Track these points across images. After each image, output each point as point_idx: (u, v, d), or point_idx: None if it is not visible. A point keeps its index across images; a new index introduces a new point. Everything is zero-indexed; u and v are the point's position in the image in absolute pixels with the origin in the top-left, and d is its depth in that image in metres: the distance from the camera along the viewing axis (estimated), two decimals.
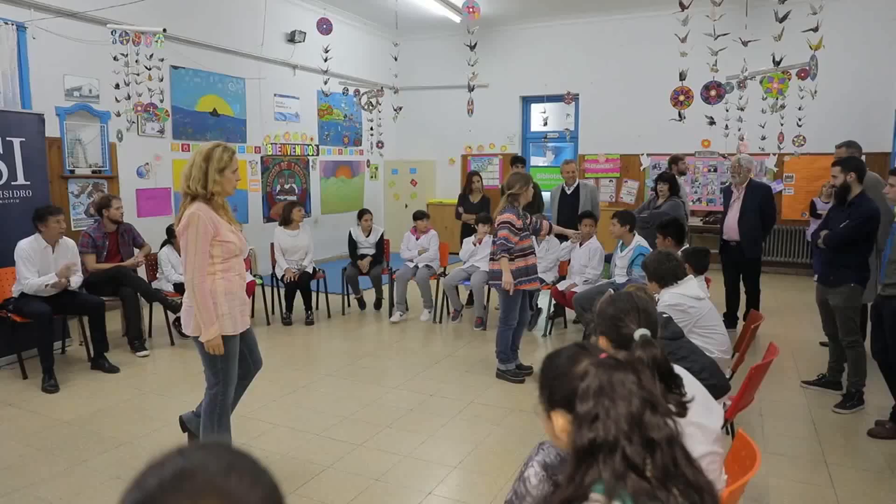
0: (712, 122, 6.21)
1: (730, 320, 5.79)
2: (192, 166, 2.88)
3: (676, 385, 1.52)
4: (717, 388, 2.68)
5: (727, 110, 6.55)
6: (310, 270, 6.45)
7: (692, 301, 3.25)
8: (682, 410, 1.50)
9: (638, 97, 9.75)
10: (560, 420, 1.33)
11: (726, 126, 6.75)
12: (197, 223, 2.82)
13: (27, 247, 4.64)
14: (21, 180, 5.16)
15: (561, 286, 5.80)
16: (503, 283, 4.57)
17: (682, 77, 4.85)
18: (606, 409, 1.21)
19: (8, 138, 5.06)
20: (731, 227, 5.85)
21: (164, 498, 0.66)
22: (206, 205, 2.87)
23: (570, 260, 6.03)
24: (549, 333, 6.05)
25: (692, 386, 1.83)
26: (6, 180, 5.06)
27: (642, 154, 10.05)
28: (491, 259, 4.75)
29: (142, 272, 5.80)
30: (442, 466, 3.37)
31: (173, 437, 3.68)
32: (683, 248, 4.82)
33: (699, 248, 4.45)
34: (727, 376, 3.28)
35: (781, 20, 4.35)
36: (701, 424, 1.77)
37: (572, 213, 6.58)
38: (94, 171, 6.70)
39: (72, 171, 6.50)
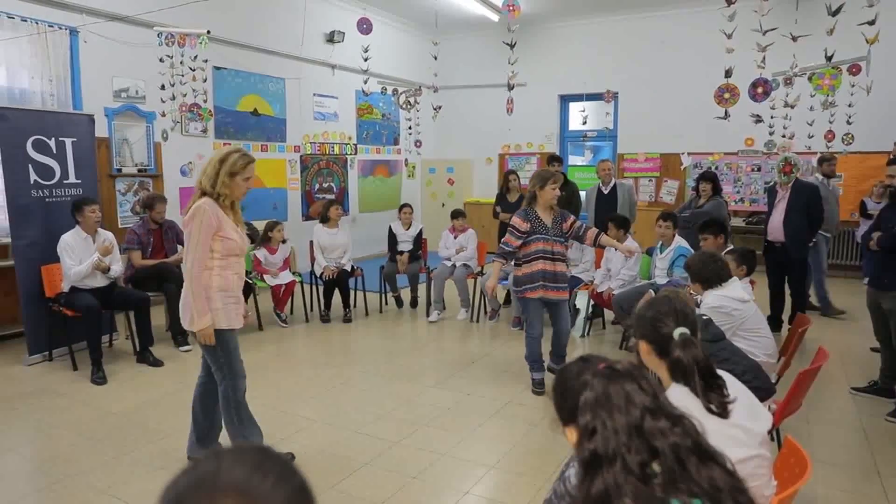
0: (759, 120, 6.06)
1: (774, 324, 5.64)
2: (209, 164, 3.00)
3: (718, 386, 1.48)
4: (761, 390, 2.61)
5: (773, 108, 6.37)
6: (348, 268, 6.51)
7: (736, 303, 3.17)
8: (724, 411, 1.47)
9: (679, 95, 9.58)
10: (572, 435, 1.33)
11: (771, 124, 6.58)
12: (202, 215, 2.91)
13: (69, 238, 4.83)
14: (72, 179, 5.33)
15: (599, 288, 5.73)
16: (485, 286, 4.61)
17: (727, 74, 4.74)
18: (603, 420, 1.21)
19: (60, 138, 5.23)
20: (776, 228, 5.70)
21: (188, 496, 0.69)
22: (212, 201, 2.97)
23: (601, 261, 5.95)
24: (588, 334, 5.98)
25: (737, 389, 1.79)
26: (58, 179, 5.23)
27: (683, 153, 9.86)
28: (514, 264, 4.49)
29: (183, 267, 5.92)
30: (479, 466, 3.36)
31: None
32: (728, 248, 4.71)
33: (747, 250, 4.34)
34: (773, 381, 3.20)
35: (834, 13, 4.21)
36: (745, 427, 1.73)
37: (609, 213, 6.50)
38: (139, 170, 6.88)
39: (119, 170, 6.68)
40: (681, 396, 1.66)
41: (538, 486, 3.12)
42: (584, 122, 9.89)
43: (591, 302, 5.97)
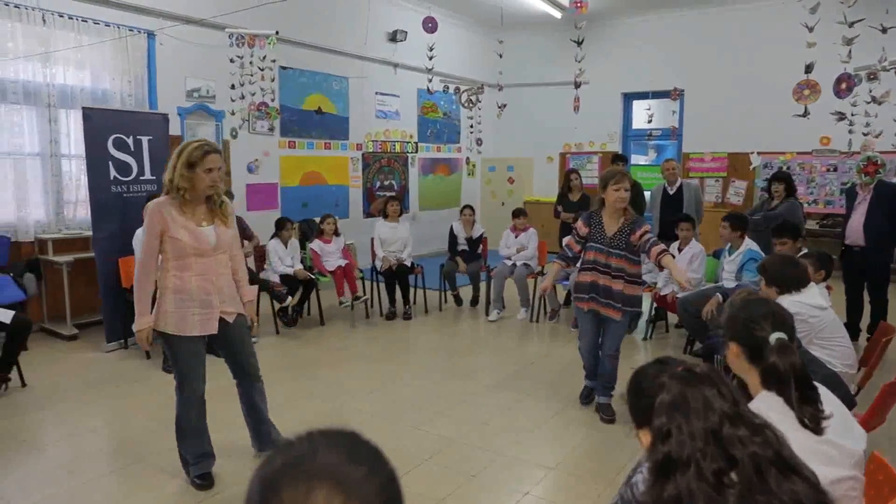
0: (842, 118, 5.75)
1: (851, 332, 5.36)
2: (171, 157, 2.87)
3: (813, 398, 1.41)
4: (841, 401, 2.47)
5: (854, 105, 6.05)
6: (408, 263, 6.56)
7: (814, 310, 3.01)
8: (817, 426, 1.40)
9: (748, 92, 9.23)
10: (646, 438, 1.30)
11: (851, 122, 6.24)
12: (147, 217, 2.87)
13: (140, 233, 5.02)
14: (148, 175, 5.56)
15: (663, 291, 5.58)
16: (541, 286, 4.39)
17: (808, 70, 4.53)
18: (679, 424, 1.17)
19: (138, 137, 5.47)
20: (855, 231, 5.42)
21: (284, 478, 0.70)
22: (168, 199, 2.84)
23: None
24: (650, 337, 5.84)
25: (831, 402, 1.69)
26: (135, 175, 5.47)
27: (752, 153, 9.50)
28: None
29: (251, 263, 6.11)
30: (538, 467, 3.32)
31: (276, 420, 3.83)
32: (803, 252, 4.50)
33: (824, 254, 4.14)
34: (852, 392, 3.04)
35: None
36: (838, 444, 1.61)
37: (675, 214, 6.32)
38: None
39: None
40: (769, 406, 1.58)
41: (599, 490, 3.06)
42: (650, 121, 9.64)
43: (654, 305, 5.83)
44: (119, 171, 5.35)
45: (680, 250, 5.56)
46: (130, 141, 5.42)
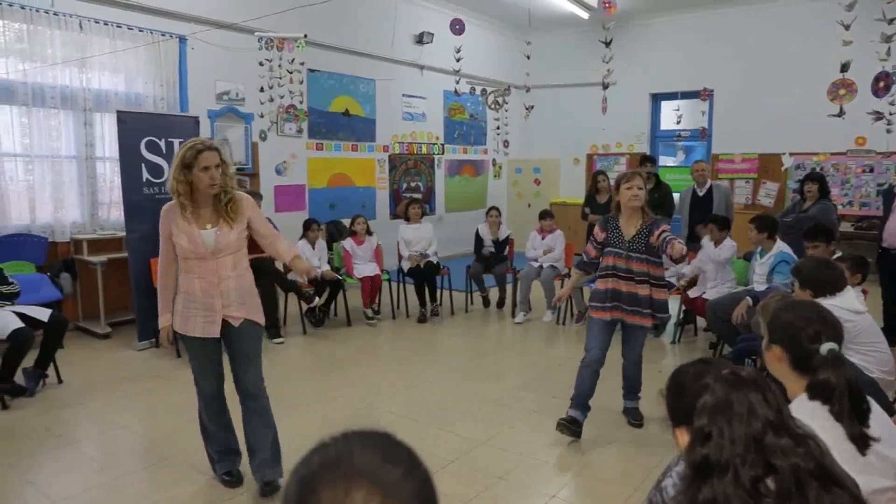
0: (879, 117, 5.61)
1: (889, 337, 5.21)
2: None
3: (863, 416, 1.37)
4: None
5: (892, 104, 5.90)
6: (434, 260, 6.58)
7: (850, 314, 2.94)
8: (865, 444, 1.36)
9: (780, 92, 9.06)
10: (684, 437, 1.27)
11: (889, 121, 6.09)
12: (160, 220, 2.92)
13: None
14: None
15: (692, 293, 5.50)
16: (556, 297, 4.22)
17: (843, 68, 4.43)
18: (721, 427, 1.15)
19: (169, 139, 5.57)
20: (893, 234, 5.29)
21: (322, 478, 0.70)
22: (175, 203, 2.86)
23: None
24: (678, 340, 5.76)
25: (877, 414, 1.63)
26: (167, 177, 5.56)
27: (784, 154, 9.32)
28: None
29: (279, 264, 6.16)
30: (566, 470, 3.30)
31: (303, 420, 3.89)
32: (837, 255, 4.40)
33: (859, 257, 4.04)
34: (890, 398, 2.96)
35: None
36: (882, 454, 1.55)
37: (704, 217, 6.22)
38: (238, 169, 7.21)
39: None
40: (812, 413, 1.52)
41: (626, 494, 3.03)
42: (679, 122, 9.52)
43: (683, 307, 5.75)
44: (151, 173, 5.45)
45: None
46: (162, 143, 5.52)
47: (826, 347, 1.50)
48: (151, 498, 2.93)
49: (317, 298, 5.97)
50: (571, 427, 3.58)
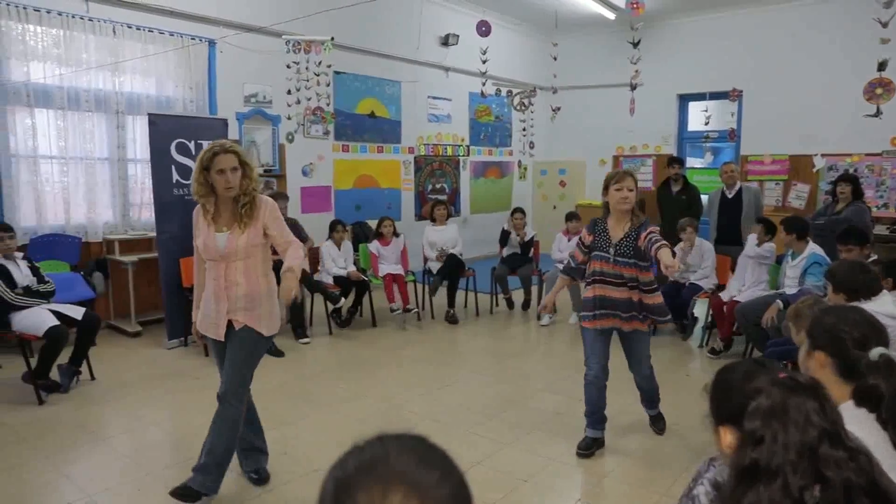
0: None
1: None
2: None
3: None
4: None
5: None
6: (458, 254, 6.60)
7: (887, 320, 2.87)
8: None
9: (812, 91, 8.89)
10: (727, 436, 1.25)
11: None
12: None
13: None
14: None
15: (724, 295, 5.43)
16: (541, 304, 3.79)
17: (881, 67, 4.33)
18: (775, 432, 1.12)
19: (199, 141, 5.65)
20: None
21: (358, 480, 0.70)
22: (202, 206, 2.92)
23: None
24: (706, 344, 5.68)
25: None
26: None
27: (815, 155, 9.14)
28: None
29: (305, 264, 6.23)
30: (592, 474, 3.28)
31: (329, 420, 3.92)
32: (871, 258, 4.31)
33: (894, 260, 3.95)
34: None
35: None
36: None
37: (734, 219, 6.14)
38: (265, 170, 7.31)
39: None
40: (859, 421, 1.47)
41: (654, 499, 3.00)
42: (707, 123, 9.39)
43: (711, 311, 5.67)
44: (181, 175, 5.54)
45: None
46: (192, 145, 5.61)
47: (877, 352, 1.45)
48: None
49: (342, 299, 6.01)
50: (591, 450, 3.47)
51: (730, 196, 6.26)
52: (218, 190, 2.82)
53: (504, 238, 6.92)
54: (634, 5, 5.40)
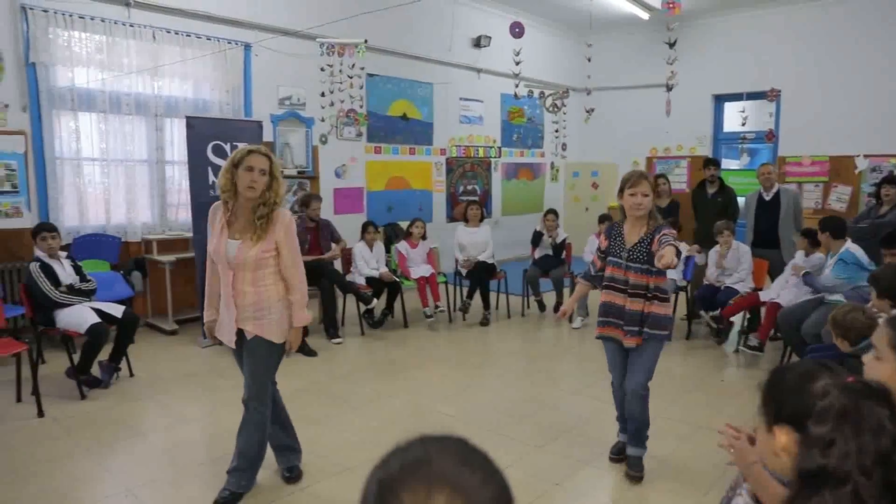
0: None
1: None
2: None
3: None
4: None
5: None
6: (488, 262, 6.59)
7: None
8: None
9: (853, 91, 8.66)
10: (784, 438, 1.21)
11: None
12: None
13: None
14: None
15: (763, 296, 5.32)
16: (560, 312, 3.62)
17: None
18: (846, 436, 1.08)
19: (234, 143, 5.74)
20: None
21: (403, 481, 0.70)
22: (223, 203, 2.88)
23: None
24: (741, 349, 5.57)
25: None
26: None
27: (858, 155, 8.89)
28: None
29: (338, 265, 6.29)
30: (625, 478, 3.24)
31: (360, 420, 3.95)
32: None
33: None
34: None
35: None
36: None
37: (771, 222, 6.00)
38: (299, 172, 7.40)
39: (281, 172, 7.21)
40: None
41: None
42: (744, 123, 9.21)
43: (747, 315, 5.57)
44: (217, 176, 5.63)
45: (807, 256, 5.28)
46: (228, 147, 5.71)
47: None
48: (216, 488, 3.02)
49: (374, 300, 6.05)
50: (624, 455, 3.40)
51: (767, 198, 6.12)
52: (240, 187, 2.76)
53: (536, 239, 6.89)
54: (671, 5, 5.33)
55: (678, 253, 2.88)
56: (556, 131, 8.66)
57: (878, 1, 8.39)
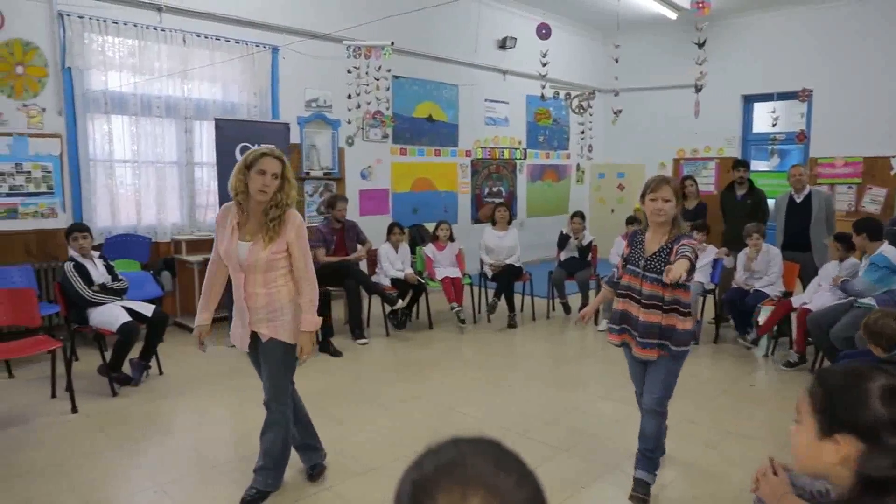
0: None
1: None
2: None
3: None
4: None
5: None
6: (515, 265, 6.57)
7: None
8: None
9: (888, 90, 8.45)
10: (846, 448, 1.18)
11: None
12: None
13: None
14: None
15: (794, 301, 5.22)
16: (580, 314, 3.53)
17: None
18: None
19: (261, 145, 5.81)
20: None
21: (437, 482, 0.70)
22: (235, 204, 2.84)
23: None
24: (772, 353, 5.48)
25: None
26: None
27: (893, 156, 8.69)
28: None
29: (363, 266, 6.33)
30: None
31: (385, 420, 3.96)
32: None
33: None
34: None
35: None
36: None
37: (802, 225, 5.88)
38: (325, 174, 7.46)
39: (307, 174, 7.30)
40: None
41: None
42: (774, 124, 9.05)
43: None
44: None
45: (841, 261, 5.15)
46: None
47: None
48: (243, 485, 3.06)
49: (400, 301, 6.07)
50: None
51: (798, 200, 6.00)
52: (251, 190, 2.74)
53: (562, 242, 6.85)
54: (700, 5, 5.26)
55: (691, 268, 2.73)
56: (582, 133, 8.60)
57: None
